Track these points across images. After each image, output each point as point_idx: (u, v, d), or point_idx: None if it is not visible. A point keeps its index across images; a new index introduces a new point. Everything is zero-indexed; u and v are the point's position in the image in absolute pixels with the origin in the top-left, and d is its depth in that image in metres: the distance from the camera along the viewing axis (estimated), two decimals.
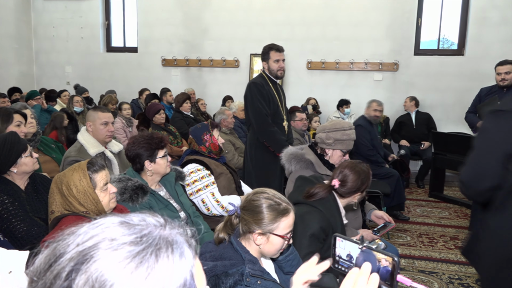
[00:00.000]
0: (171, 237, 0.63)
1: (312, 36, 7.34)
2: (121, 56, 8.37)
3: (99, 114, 3.04)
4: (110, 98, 6.23)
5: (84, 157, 2.76)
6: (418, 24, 6.98)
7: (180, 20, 7.93)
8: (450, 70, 6.83)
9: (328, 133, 2.72)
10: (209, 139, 2.97)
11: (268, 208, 1.55)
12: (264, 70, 3.85)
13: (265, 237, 1.55)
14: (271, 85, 3.81)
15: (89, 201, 1.81)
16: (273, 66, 3.78)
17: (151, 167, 2.40)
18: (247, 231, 1.57)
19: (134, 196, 2.21)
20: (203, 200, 2.79)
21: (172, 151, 4.65)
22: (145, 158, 2.38)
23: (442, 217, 4.97)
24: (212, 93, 7.64)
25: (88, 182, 1.82)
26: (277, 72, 3.80)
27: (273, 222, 1.54)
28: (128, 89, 7.98)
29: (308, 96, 7.26)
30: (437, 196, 5.73)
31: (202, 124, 3.07)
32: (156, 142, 2.41)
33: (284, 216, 1.56)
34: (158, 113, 4.77)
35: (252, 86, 3.74)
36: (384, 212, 2.80)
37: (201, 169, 2.84)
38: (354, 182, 2.12)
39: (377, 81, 7.17)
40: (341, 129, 2.72)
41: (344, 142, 2.71)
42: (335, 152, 2.74)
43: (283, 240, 1.56)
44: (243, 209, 1.59)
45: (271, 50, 3.78)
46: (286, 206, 1.58)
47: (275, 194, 1.62)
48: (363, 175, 2.13)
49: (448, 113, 6.87)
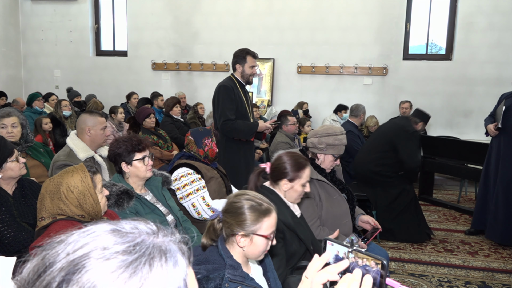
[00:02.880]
0: (164, 246, 0.62)
1: (301, 40, 7.39)
2: (111, 60, 8.33)
3: (98, 119, 3.02)
4: (96, 105, 6.19)
5: (74, 161, 2.73)
6: (407, 29, 7.06)
7: (170, 24, 7.92)
8: (438, 74, 6.91)
9: (320, 138, 2.72)
10: (209, 144, 2.97)
11: (250, 209, 1.55)
12: (234, 73, 3.84)
13: (248, 238, 1.54)
14: (240, 89, 3.81)
15: (88, 202, 1.80)
16: (248, 71, 3.79)
17: (128, 169, 2.35)
18: (230, 234, 1.56)
19: (120, 202, 2.19)
20: (193, 204, 2.78)
21: (162, 155, 4.63)
22: (121, 160, 2.34)
23: (431, 220, 5.01)
24: (203, 97, 7.63)
25: (90, 182, 1.81)
26: (249, 77, 3.83)
27: (256, 223, 1.54)
28: (118, 93, 7.94)
29: (298, 100, 7.29)
30: (426, 199, 5.78)
31: (204, 129, 3.07)
32: (134, 144, 2.35)
33: (266, 216, 1.56)
34: (148, 117, 4.76)
35: (221, 89, 3.71)
36: (370, 217, 2.81)
37: (191, 173, 2.83)
38: (282, 165, 2.11)
39: (367, 85, 7.23)
40: (333, 134, 2.73)
41: (336, 147, 2.72)
42: (327, 157, 2.75)
43: (267, 240, 1.56)
44: (225, 212, 1.58)
45: (248, 55, 3.79)
46: (268, 206, 1.58)
47: (256, 195, 1.62)
48: (293, 162, 2.11)
49: (437, 117, 6.94)
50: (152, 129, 4.82)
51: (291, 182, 2.11)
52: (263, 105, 7.62)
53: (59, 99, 6.25)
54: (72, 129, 4.86)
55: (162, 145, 4.77)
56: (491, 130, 4.22)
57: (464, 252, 4.05)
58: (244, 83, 3.85)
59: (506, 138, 4.11)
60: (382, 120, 6.95)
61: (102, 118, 3.05)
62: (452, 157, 5.48)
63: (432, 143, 5.79)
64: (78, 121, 3.04)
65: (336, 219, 2.60)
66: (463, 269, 3.69)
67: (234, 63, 3.83)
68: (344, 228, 2.61)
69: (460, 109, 6.93)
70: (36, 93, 6.10)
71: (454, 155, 5.43)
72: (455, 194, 6.20)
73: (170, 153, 4.75)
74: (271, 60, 7.59)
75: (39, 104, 5.92)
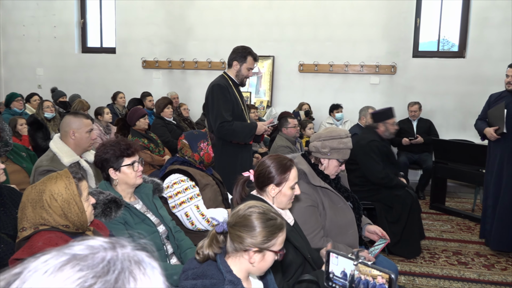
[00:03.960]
0: (132, 254, 0.63)
1: (303, 37, 7.40)
2: (98, 57, 8.33)
3: (84, 121, 3.01)
4: (81, 104, 6.19)
5: (57, 166, 2.73)
6: (417, 24, 7.08)
7: (162, 19, 7.93)
8: (451, 73, 6.92)
9: (324, 141, 2.72)
10: (205, 148, 2.97)
11: (265, 223, 1.56)
12: (228, 70, 3.83)
13: (261, 254, 1.55)
14: (234, 88, 3.81)
15: (73, 211, 1.79)
16: (244, 72, 3.79)
17: (116, 176, 2.34)
18: (241, 249, 1.56)
19: (107, 211, 2.18)
20: (187, 213, 2.77)
21: (153, 160, 4.62)
22: (109, 166, 2.33)
23: (444, 230, 5.01)
24: (197, 98, 7.63)
25: (75, 190, 1.81)
26: (244, 79, 3.83)
27: (271, 238, 1.55)
28: (105, 93, 7.93)
29: (300, 101, 7.30)
30: (438, 208, 5.78)
31: (199, 132, 3.07)
32: (122, 149, 2.35)
33: (281, 231, 1.58)
34: (142, 117, 4.76)
35: (215, 88, 3.68)
36: (377, 227, 2.80)
37: (185, 180, 2.83)
38: (266, 170, 2.13)
39: (374, 85, 7.24)
40: (338, 137, 2.72)
41: (341, 151, 2.72)
42: (331, 162, 2.74)
43: (276, 256, 1.58)
44: (236, 225, 1.58)
45: (250, 55, 3.78)
46: (282, 221, 1.61)
47: (269, 208, 1.63)
48: (277, 165, 2.12)
49: (449, 119, 6.95)
50: (143, 131, 4.82)
51: (279, 186, 2.12)
52: (262, 106, 7.62)
53: (42, 99, 6.24)
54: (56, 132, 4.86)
55: (153, 149, 4.77)
56: (492, 134, 4.23)
57: (480, 265, 4.05)
58: (238, 83, 3.85)
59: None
60: None
61: (88, 120, 3.04)
62: (465, 162, 5.48)
63: (444, 147, 5.80)
64: (62, 123, 3.04)
65: (341, 229, 2.60)
66: (478, 283, 3.69)
67: (231, 59, 3.81)
68: (350, 239, 2.60)
69: (474, 110, 6.91)
70: (14, 93, 6.09)
71: (467, 160, 5.44)
72: (469, 202, 6.20)
73: (161, 158, 4.75)
74: (271, 57, 7.60)
75: (18, 105, 5.91)
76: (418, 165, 6.52)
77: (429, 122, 6.69)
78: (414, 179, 6.80)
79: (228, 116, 3.61)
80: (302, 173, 2.65)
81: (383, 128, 4.35)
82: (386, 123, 4.35)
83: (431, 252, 4.35)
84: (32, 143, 5.07)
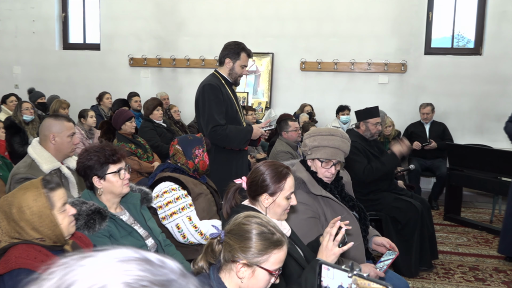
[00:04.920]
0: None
1: (305, 32, 7.42)
2: (81, 54, 8.34)
3: (65, 124, 2.99)
4: (59, 104, 6.18)
5: (36, 174, 2.72)
6: (429, 18, 7.11)
7: (151, 12, 7.95)
8: (466, 71, 6.94)
9: (304, 140, 2.73)
10: (200, 155, 2.97)
11: (260, 235, 1.55)
12: (219, 68, 3.82)
13: (250, 269, 1.54)
14: (228, 88, 3.80)
15: (45, 225, 1.79)
16: (238, 70, 3.79)
17: (101, 185, 2.34)
18: (230, 260, 1.55)
19: (90, 223, 2.17)
20: (178, 225, 2.77)
21: (141, 167, 4.62)
22: (93, 173, 2.33)
23: (459, 243, 5.01)
24: (189, 98, 7.60)
25: (45, 201, 1.80)
26: (238, 77, 3.83)
27: (263, 253, 1.54)
28: (89, 94, 7.93)
29: (301, 102, 7.31)
30: (453, 219, 5.78)
31: (194, 137, 3.06)
32: (107, 155, 2.34)
33: (277, 249, 1.56)
34: (129, 120, 4.76)
35: (206, 88, 3.67)
36: (385, 239, 2.79)
37: (176, 189, 2.82)
38: (260, 177, 2.11)
39: (382, 85, 7.26)
40: (317, 134, 2.71)
41: (321, 150, 2.67)
42: (315, 163, 2.72)
43: (270, 276, 1.56)
44: (229, 232, 1.58)
45: (243, 51, 3.77)
46: (280, 238, 1.59)
47: (270, 221, 1.63)
48: (272, 172, 2.11)
49: (464, 122, 6.97)
50: (130, 136, 4.82)
51: (273, 196, 2.10)
52: (260, 108, 7.63)
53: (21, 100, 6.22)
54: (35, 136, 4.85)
55: (141, 155, 4.76)
56: None
57: (499, 282, 4.05)
58: (231, 82, 3.86)
59: None
60: (400, 126, 6.96)
61: (69, 123, 3.04)
62: (483, 169, 5.49)
63: (459, 152, 5.81)
64: (41, 126, 3.03)
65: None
66: None
67: (223, 56, 3.79)
68: (355, 253, 2.60)
69: (492, 112, 6.96)
70: None
71: (485, 166, 5.44)
72: (487, 212, 6.21)
73: (150, 165, 4.75)
74: (270, 55, 7.62)
75: None
76: (431, 172, 6.53)
77: (443, 125, 6.70)
78: (427, 187, 6.81)
79: (221, 119, 3.59)
80: (301, 182, 2.63)
81: (364, 128, 4.29)
82: (367, 123, 4.28)
83: (446, 267, 4.35)
84: (8, 148, 5.06)
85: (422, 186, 6.59)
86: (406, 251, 4.00)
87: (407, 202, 4.13)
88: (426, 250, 4.14)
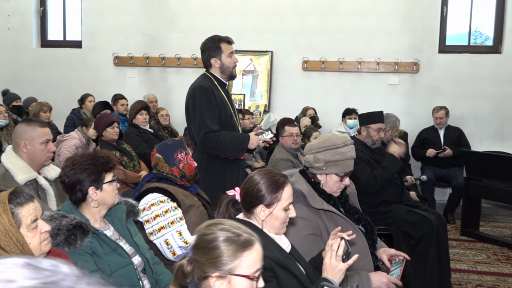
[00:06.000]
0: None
1: (308, 28, 7.43)
2: (60, 52, 8.34)
3: (38, 130, 2.97)
4: (40, 107, 6.17)
5: (10, 185, 2.71)
6: (443, 13, 7.13)
7: (138, 6, 7.96)
8: (485, 71, 6.95)
9: (316, 154, 2.68)
10: (184, 159, 2.96)
11: (226, 241, 1.54)
12: (210, 69, 3.82)
13: (225, 280, 1.52)
14: (221, 89, 3.78)
15: (12, 243, 1.78)
16: (228, 61, 3.76)
17: (97, 196, 2.35)
18: (202, 277, 1.54)
19: (71, 239, 2.16)
20: (167, 241, 2.76)
21: (126, 177, 4.61)
22: (89, 184, 2.33)
23: (478, 261, 5.00)
24: (179, 101, 7.59)
25: (10, 218, 1.78)
26: (232, 70, 3.80)
27: (233, 259, 1.53)
28: (69, 96, 7.92)
29: (303, 105, 7.30)
30: (471, 234, 5.78)
31: (174, 140, 3.06)
32: (103, 163, 2.38)
33: (247, 250, 1.55)
34: (110, 126, 4.75)
35: (197, 90, 3.65)
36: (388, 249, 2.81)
37: (164, 201, 2.82)
38: (255, 188, 2.10)
39: (392, 86, 7.27)
40: (332, 147, 2.68)
41: (339, 164, 2.67)
42: (330, 177, 2.70)
43: (251, 281, 1.54)
44: (194, 248, 1.57)
45: (221, 42, 3.76)
46: (248, 237, 1.58)
47: (233, 224, 1.62)
48: (268, 182, 2.09)
49: (483, 127, 6.97)
50: (113, 142, 4.82)
51: (269, 208, 2.08)
52: (258, 112, 7.63)
53: None
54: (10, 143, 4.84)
55: (127, 163, 4.76)
56: None
57: None
58: (225, 81, 3.84)
59: None
60: (412, 131, 6.97)
61: (43, 128, 3.01)
62: (503, 179, 5.48)
63: (477, 160, 5.81)
64: (13, 133, 3.02)
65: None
66: None
67: (206, 59, 3.80)
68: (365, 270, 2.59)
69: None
70: None
71: (506, 175, 5.44)
72: (508, 227, 6.21)
73: (137, 174, 4.75)
74: (269, 53, 7.63)
75: None
76: (447, 182, 6.53)
77: (459, 130, 6.71)
78: (442, 199, 6.81)
79: (213, 125, 3.55)
80: (301, 195, 2.62)
81: (365, 133, 4.30)
82: (369, 128, 4.29)
83: (463, 287, 4.35)
84: None
85: (436, 198, 6.59)
86: (420, 270, 3.95)
87: (421, 215, 4.08)
88: (443, 269, 4.11)
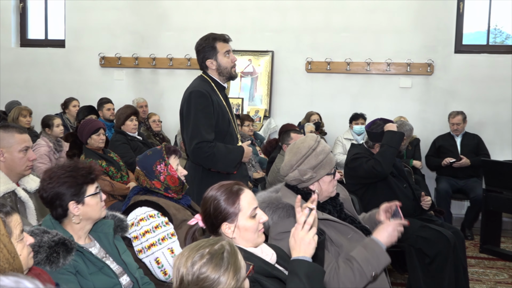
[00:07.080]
0: None
1: (312, 26, 7.45)
2: (42, 52, 8.36)
3: (16, 136, 2.97)
4: (19, 110, 6.18)
5: None
6: (460, 10, 7.15)
7: (126, 3, 7.98)
8: (505, 73, 6.95)
9: (299, 168, 2.73)
10: (164, 171, 2.94)
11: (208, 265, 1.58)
12: (207, 71, 3.80)
13: None
14: (219, 94, 3.76)
15: (2, 255, 1.78)
16: (225, 61, 3.73)
17: (79, 211, 2.33)
18: None
19: (53, 256, 2.15)
20: (157, 259, 2.76)
21: (113, 188, 4.61)
22: (69, 199, 2.31)
23: (499, 281, 5.00)
24: (172, 105, 7.62)
25: (2, 228, 1.79)
26: (231, 69, 3.77)
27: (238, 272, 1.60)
28: (51, 100, 7.93)
29: (307, 110, 7.30)
30: (491, 252, 5.76)
31: (153, 150, 3.05)
32: (83, 174, 2.35)
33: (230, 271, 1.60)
34: (95, 133, 4.75)
35: (194, 95, 3.61)
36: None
37: (154, 215, 2.82)
38: (212, 205, 2.10)
39: (404, 89, 7.28)
40: (310, 151, 2.74)
41: (325, 163, 2.75)
42: (322, 181, 2.77)
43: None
44: None
45: (216, 40, 3.73)
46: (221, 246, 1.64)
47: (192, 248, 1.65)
48: (224, 193, 2.11)
49: (503, 134, 6.96)
50: (99, 151, 4.82)
51: (233, 222, 2.08)
52: (258, 117, 7.63)
53: None
54: None
55: (114, 174, 4.76)
56: None
57: None
58: (224, 82, 3.83)
59: None
60: (426, 139, 6.97)
61: (22, 135, 3.02)
62: None
63: (498, 170, 5.80)
64: None
65: None
66: None
67: (202, 61, 3.77)
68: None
69: None
70: None
71: None
72: None
73: (125, 186, 4.74)
74: (269, 53, 7.65)
75: None
76: (464, 194, 6.53)
77: (477, 138, 6.71)
78: (459, 212, 6.80)
79: (208, 134, 3.52)
80: (291, 208, 2.65)
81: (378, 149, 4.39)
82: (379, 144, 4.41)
83: None
84: None
85: (453, 212, 6.59)
86: None
87: (436, 231, 4.05)
88: None
